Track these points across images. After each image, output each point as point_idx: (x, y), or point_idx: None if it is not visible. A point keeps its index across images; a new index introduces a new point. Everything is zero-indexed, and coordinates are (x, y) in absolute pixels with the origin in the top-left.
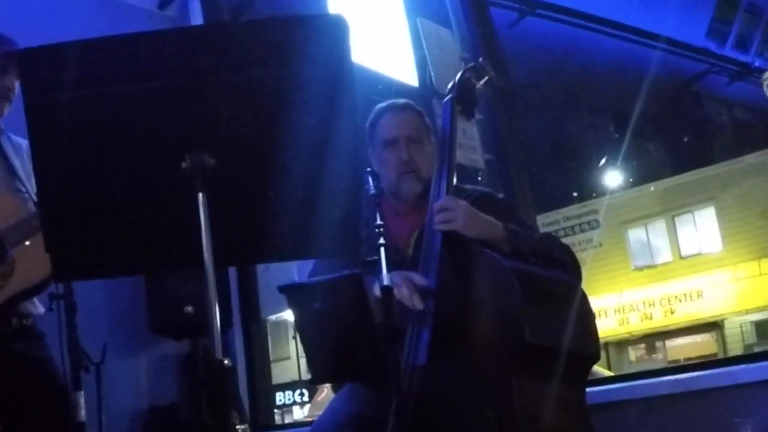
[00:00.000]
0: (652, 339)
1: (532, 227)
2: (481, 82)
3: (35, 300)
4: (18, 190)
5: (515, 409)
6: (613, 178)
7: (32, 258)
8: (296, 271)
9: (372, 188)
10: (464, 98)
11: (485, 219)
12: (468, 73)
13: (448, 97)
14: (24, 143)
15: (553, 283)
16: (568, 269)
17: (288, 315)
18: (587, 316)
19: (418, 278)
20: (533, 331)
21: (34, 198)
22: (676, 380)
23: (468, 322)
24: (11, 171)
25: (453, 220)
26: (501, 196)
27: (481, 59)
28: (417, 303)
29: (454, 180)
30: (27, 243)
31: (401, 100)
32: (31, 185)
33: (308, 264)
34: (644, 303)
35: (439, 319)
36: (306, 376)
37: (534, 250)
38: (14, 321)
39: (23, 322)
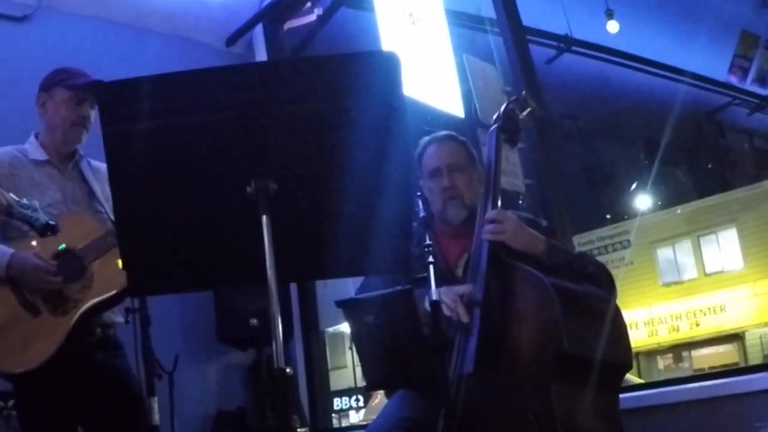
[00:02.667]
0: (678, 349)
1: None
2: (524, 113)
3: (116, 309)
4: (97, 211)
5: (554, 413)
6: (643, 201)
7: (109, 272)
8: (352, 286)
9: (422, 211)
10: (509, 127)
11: (529, 232)
12: (512, 104)
13: (493, 126)
14: (103, 167)
15: (590, 297)
16: (602, 284)
17: (345, 327)
18: (621, 328)
19: (464, 288)
20: (571, 342)
21: (112, 218)
22: (701, 387)
23: (511, 333)
24: (91, 193)
25: (501, 231)
26: (544, 223)
27: (524, 92)
28: (463, 316)
29: (499, 203)
30: (103, 258)
31: (444, 132)
32: (109, 206)
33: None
34: (672, 316)
35: (484, 331)
36: (361, 383)
37: (571, 265)
38: (98, 331)
39: (105, 332)
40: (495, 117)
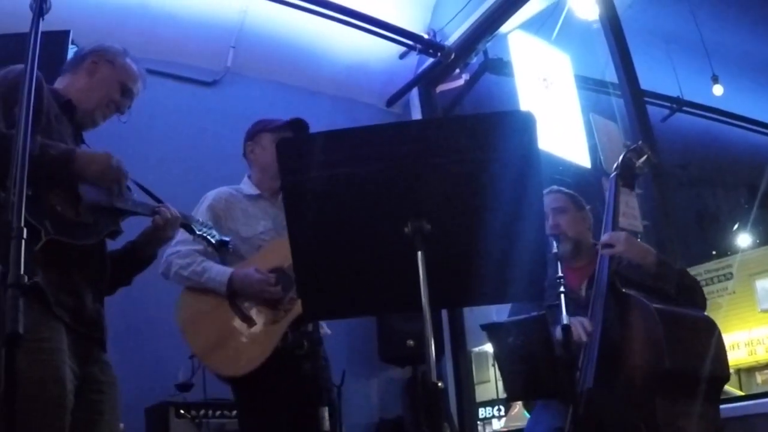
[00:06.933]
0: None
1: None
2: (641, 161)
3: (323, 324)
4: None
5: (658, 423)
6: (744, 239)
7: None
8: (495, 312)
9: (555, 248)
10: (626, 173)
11: (640, 244)
12: (629, 153)
13: (613, 174)
14: None
15: (690, 317)
16: (697, 296)
17: (488, 347)
18: (717, 344)
19: (586, 322)
20: (672, 360)
21: None
22: None
23: (624, 353)
24: None
25: (615, 245)
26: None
27: (640, 142)
28: (584, 337)
29: None
30: None
31: (552, 186)
32: None
33: (504, 307)
34: None
35: (602, 351)
36: (502, 395)
37: (674, 278)
38: (306, 345)
39: (314, 347)
40: (615, 165)
